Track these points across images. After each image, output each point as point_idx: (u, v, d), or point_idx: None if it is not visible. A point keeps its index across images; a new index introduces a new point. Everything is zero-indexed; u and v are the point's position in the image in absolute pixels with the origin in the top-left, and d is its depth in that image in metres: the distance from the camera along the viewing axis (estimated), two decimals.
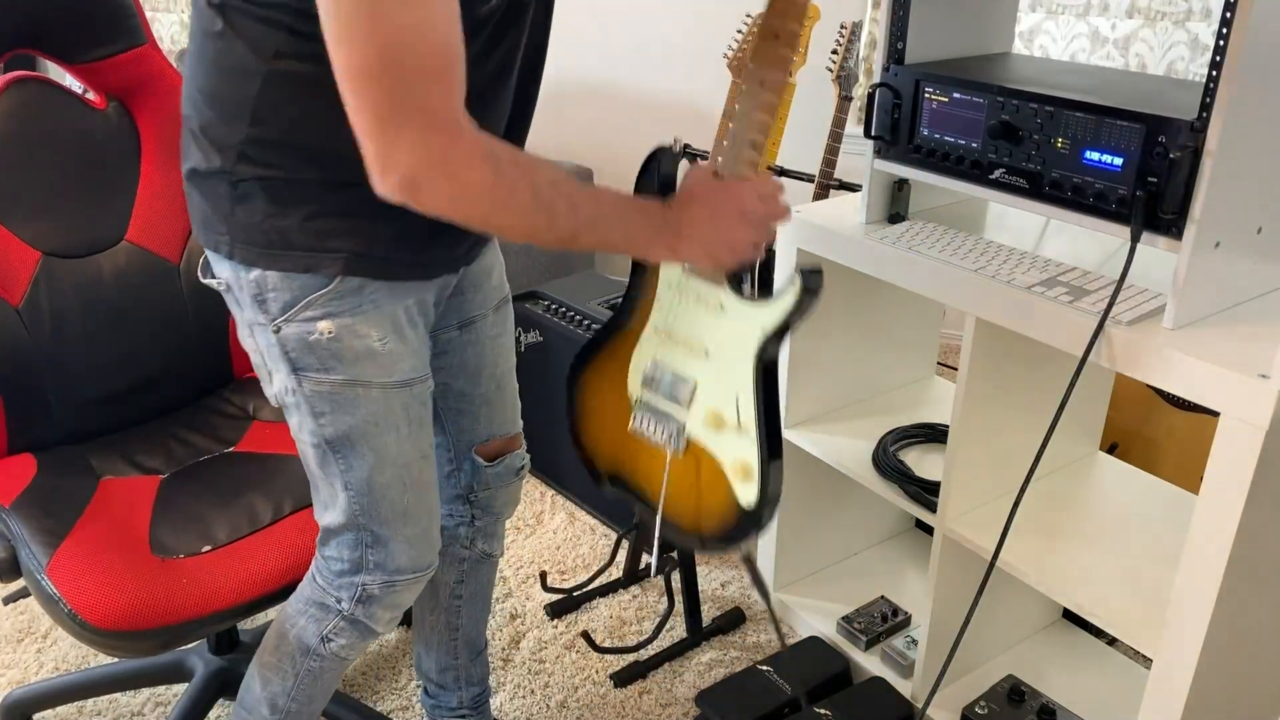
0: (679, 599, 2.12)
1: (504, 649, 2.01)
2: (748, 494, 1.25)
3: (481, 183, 1.01)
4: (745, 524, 1.27)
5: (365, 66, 0.95)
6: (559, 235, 1.08)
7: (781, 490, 1.27)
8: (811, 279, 1.22)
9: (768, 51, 1.21)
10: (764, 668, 1.85)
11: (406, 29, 0.94)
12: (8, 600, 1.55)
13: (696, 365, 1.28)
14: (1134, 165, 1.34)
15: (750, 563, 1.39)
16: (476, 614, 1.67)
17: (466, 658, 1.69)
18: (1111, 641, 1.95)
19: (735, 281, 1.26)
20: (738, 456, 1.26)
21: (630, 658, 1.98)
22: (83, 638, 1.36)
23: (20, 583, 1.46)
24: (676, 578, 2.14)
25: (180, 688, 1.86)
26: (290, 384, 1.24)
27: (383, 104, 0.95)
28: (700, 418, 1.28)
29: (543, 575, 2.09)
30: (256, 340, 1.24)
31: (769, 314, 1.24)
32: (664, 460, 1.32)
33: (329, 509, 1.31)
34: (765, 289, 2.54)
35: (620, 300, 1.35)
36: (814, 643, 1.94)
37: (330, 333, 1.21)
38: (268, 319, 1.21)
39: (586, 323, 2.31)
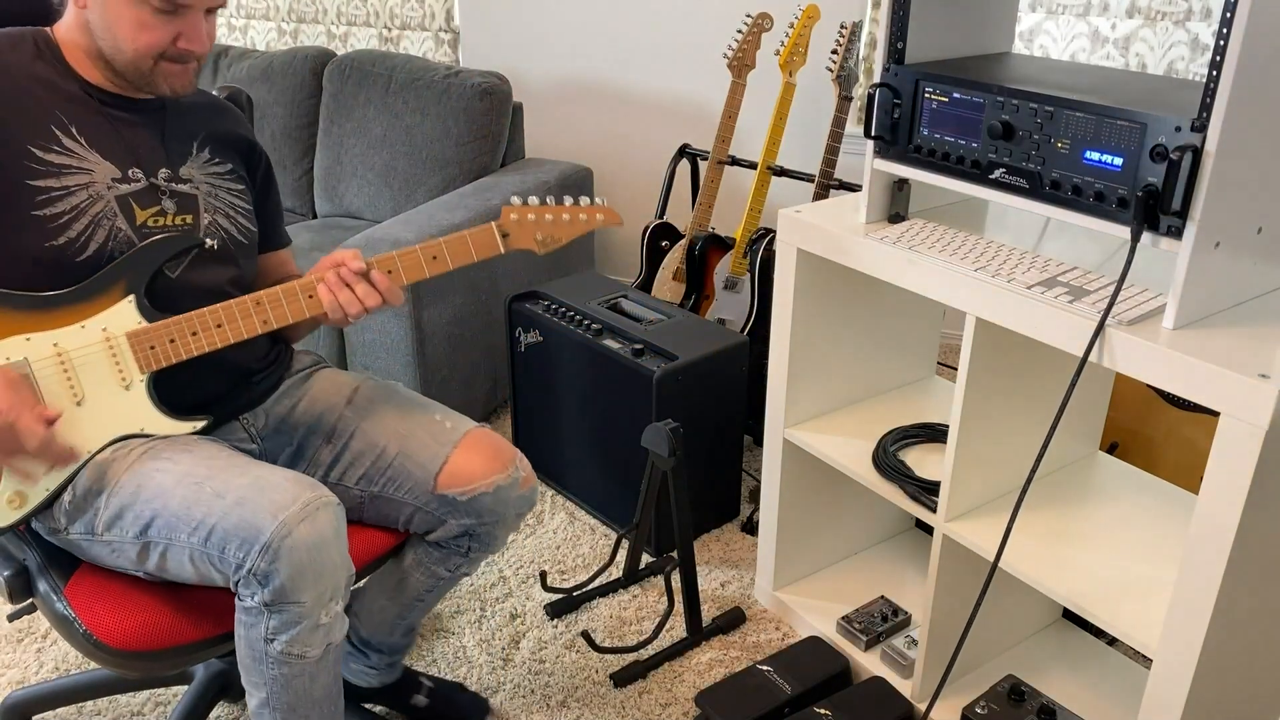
0: (679, 599, 2.12)
1: (504, 649, 2.01)
2: (0, 510, 1.34)
3: None
4: None
5: None
6: None
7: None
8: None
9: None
10: (764, 667, 1.85)
11: None
12: (12, 617, 1.56)
13: (64, 394, 1.36)
14: (1134, 165, 1.34)
15: None
16: (426, 611, 1.72)
17: (399, 635, 1.74)
18: (1111, 641, 1.95)
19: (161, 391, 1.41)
20: (20, 486, 1.35)
21: (630, 658, 1.99)
22: (96, 657, 1.36)
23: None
24: (676, 578, 2.14)
25: (180, 688, 1.86)
26: (105, 546, 1.38)
27: None
28: None
29: (543, 575, 2.09)
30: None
31: (156, 422, 1.40)
32: None
33: (195, 566, 1.34)
34: (765, 283, 2.54)
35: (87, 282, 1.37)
36: (814, 643, 1.94)
37: (70, 499, 1.37)
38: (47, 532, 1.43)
39: (586, 322, 2.31)
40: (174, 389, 1.42)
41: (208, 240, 1.47)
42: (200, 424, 1.45)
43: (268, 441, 1.56)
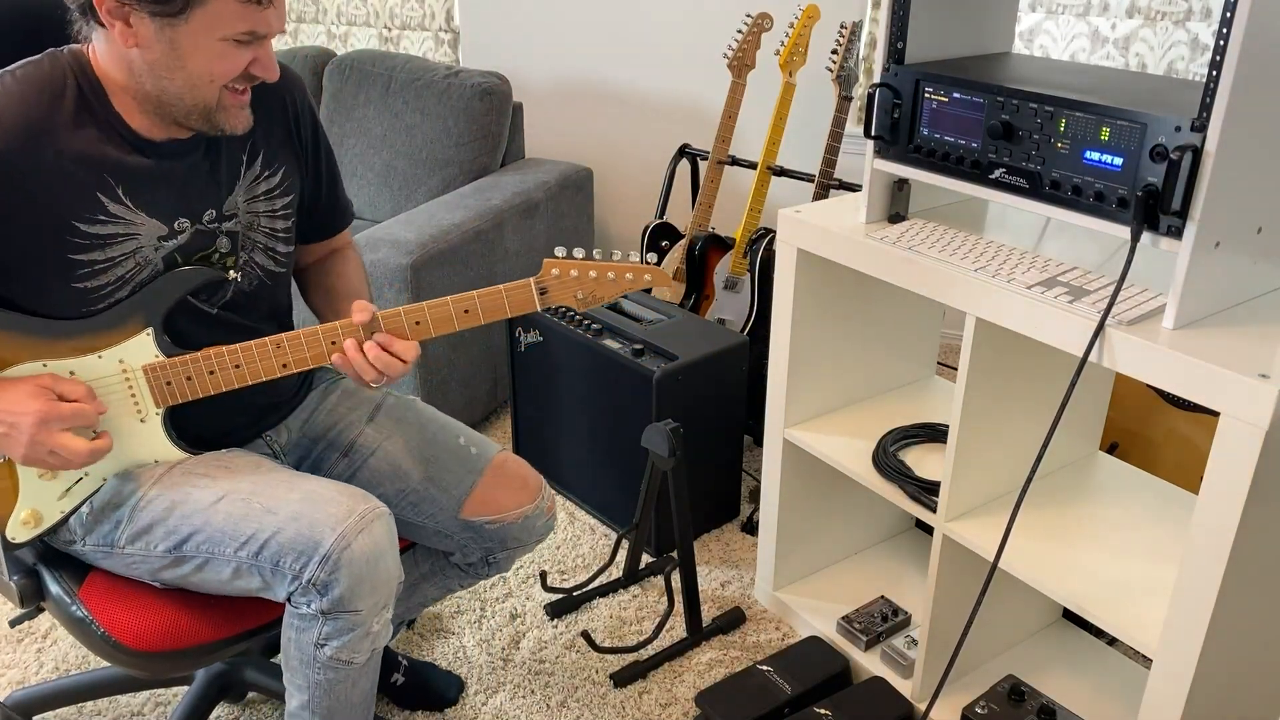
0: (679, 599, 2.12)
1: (504, 649, 2.01)
2: (15, 529, 1.35)
3: None
4: None
5: None
6: None
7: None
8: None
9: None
10: (764, 668, 1.85)
11: None
12: (14, 623, 1.56)
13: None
14: (1134, 165, 1.34)
15: None
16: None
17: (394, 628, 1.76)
18: (1111, 641, 1.95)
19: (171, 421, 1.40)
20: (35, 506, 1.35)
21: (630, 658, 1.98)
22: (115, 659, 1.36)
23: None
24: (676, 578, 2.14)
25: (181, 689, 1.86)
26: (125, 558, 1.38)
27: None
28: None
29: (543, 575, 2.09)
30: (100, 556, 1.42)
31: (170, 455, 1.39)
32: None
33: (237, 577, 1.34)
34: (765, 283, 2.54)
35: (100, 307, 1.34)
36: (814, 643, 1.94)
37: (88, 512, 1.37)
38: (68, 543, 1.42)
39: (586, 322, 2.31)
40: (190, 422, 1.41)
41: (231, 272, 1.41)
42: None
43: (290, 456, 1.56)
